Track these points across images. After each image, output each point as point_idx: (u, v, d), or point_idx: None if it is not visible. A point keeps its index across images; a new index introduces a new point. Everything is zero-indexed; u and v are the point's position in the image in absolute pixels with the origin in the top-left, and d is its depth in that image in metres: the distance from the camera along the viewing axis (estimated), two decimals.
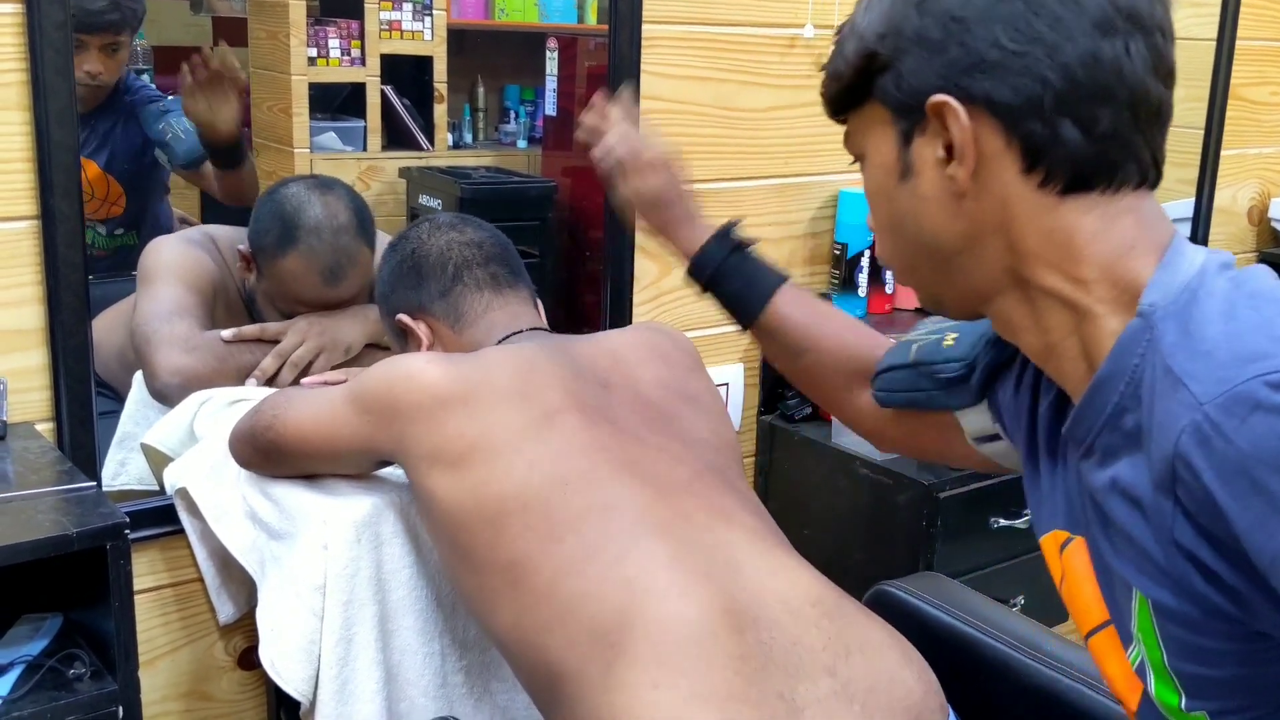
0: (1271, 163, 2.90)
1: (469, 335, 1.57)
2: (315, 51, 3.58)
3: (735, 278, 1.35)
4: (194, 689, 1.76)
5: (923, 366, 1.17)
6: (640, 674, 1.17)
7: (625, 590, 1.23)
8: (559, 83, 3.10)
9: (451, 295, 1.58)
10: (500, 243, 1.64)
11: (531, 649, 1.28)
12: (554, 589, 1.26)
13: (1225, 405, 0.76)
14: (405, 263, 1.61)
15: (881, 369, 1.24)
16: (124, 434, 1.86)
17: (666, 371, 1.52)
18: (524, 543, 1.30)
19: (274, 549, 1.54)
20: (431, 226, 1.63)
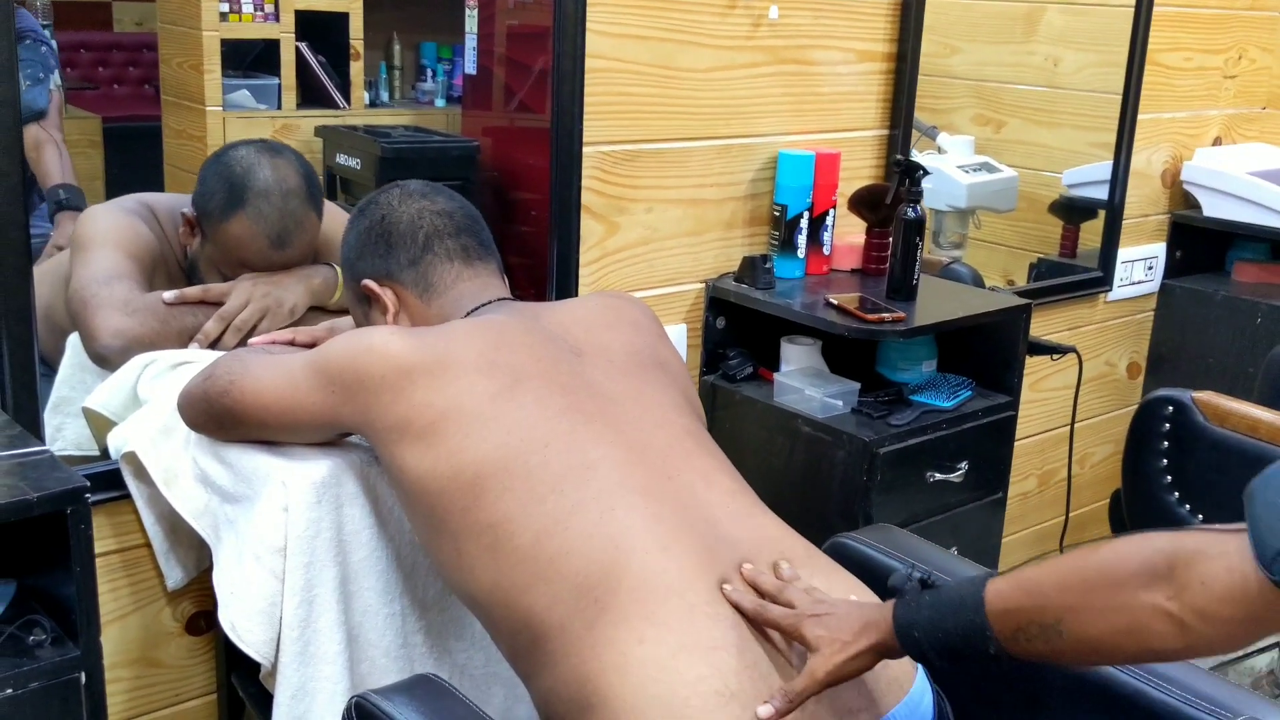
0: (1184, 127, 2.99)
1: (437, 305, 1.56)
2: (227, 7, 3.50)
3: (945, 619, 1.14)
4: (142, 655, 1.73)
5: None
6: (626, 630, 1.19)
7: (609, 547, 1.25)
8: (479, 41, 3.06)
9: (421, 264, 1.56)
10: (470, 214, 1.62)
11: (513, 610, 1.29)
12: (536, 548, 1.28)
13: None
14: (374, 229, 1.58)
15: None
16: (59, 399, 1.81)
17: (637, 337, 1.53)
18: (504, 504, 1.30)
19: (228, 512, 1.53)
20: (402, 193, 1.61)
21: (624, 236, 2.09)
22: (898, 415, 2.07)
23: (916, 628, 1.14)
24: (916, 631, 1.14)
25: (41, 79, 2.34)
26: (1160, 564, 1.02)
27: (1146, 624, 1.02)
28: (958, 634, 1.12)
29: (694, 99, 2.12)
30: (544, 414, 1.35)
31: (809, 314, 2.11)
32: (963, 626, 1.12)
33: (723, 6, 2.11)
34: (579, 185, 1.99)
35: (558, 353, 1.44)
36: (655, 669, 1.16)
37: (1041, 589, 1.09)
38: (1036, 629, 1.08)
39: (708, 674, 1.17)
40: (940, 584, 1.17)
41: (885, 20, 2.36)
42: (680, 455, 1.39)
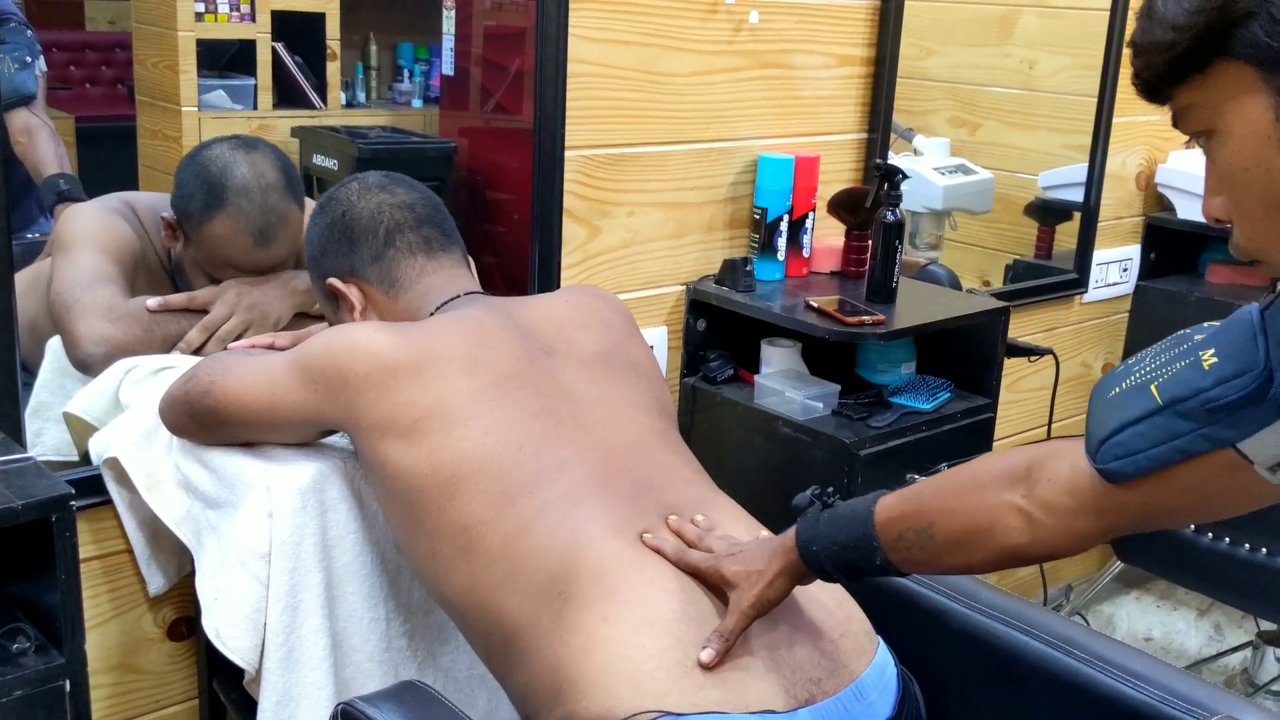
0: (1158, 130, 3.02)
1: (404, 300, 1.56)
2: (202, 7, 3.49)
3: (838, 533, 1.19)
4: (123, 662, 1.72)
5: (1182, 403, 0.95)
6: (589, 613, 1.22)
7: (569, 542, 1.28)
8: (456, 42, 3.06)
9: (384, 260, 1.56)
10: (432, 204, 1.63)
11: (486, 611, 1.30)
12: (505, 549, 1.30)
13: None
14: (335, 226, 1.58)
15: (1108, 434, 1.00)
16: (39, 404, 1.80)
17: (608, 337, 1.54)
18: (477, 506, 1.32)
19: (211, 517, 1.52)
20: (361, 187, 1.60)
21: (605, 239, 2.10)
22: (878, 417, 2.08)
23: (815, 542, 1.20)
24: (815, 546, 1.20)
25: (29, 62, 2.30)
26: (1020, 467, 1.10)
27: (1002, 519, 1.09)
28: (850, 545, 1.18)
29: (675, 103, 2.13)
30: (519, 416, 1.37)
31: (789, 316, 2.12)
32: (854, 538, 1.17)
33: (704, 11, 2.11)
34: (561, 189, 1.99)
35: (532, 351, 1.45)
36: (620, 645, 1.19)
37: (921, 497, 1.16)
38: (913, 534, 1.14)
39: (670, 645, 1.19)
40: (836, 504, 1.23)
41: (864, 25, 2.37)
42: (642, 454, 1.42)
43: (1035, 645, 1.41)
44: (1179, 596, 3.18)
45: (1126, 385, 1.00)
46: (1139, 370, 1.00)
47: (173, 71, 3.40)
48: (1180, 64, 0.81)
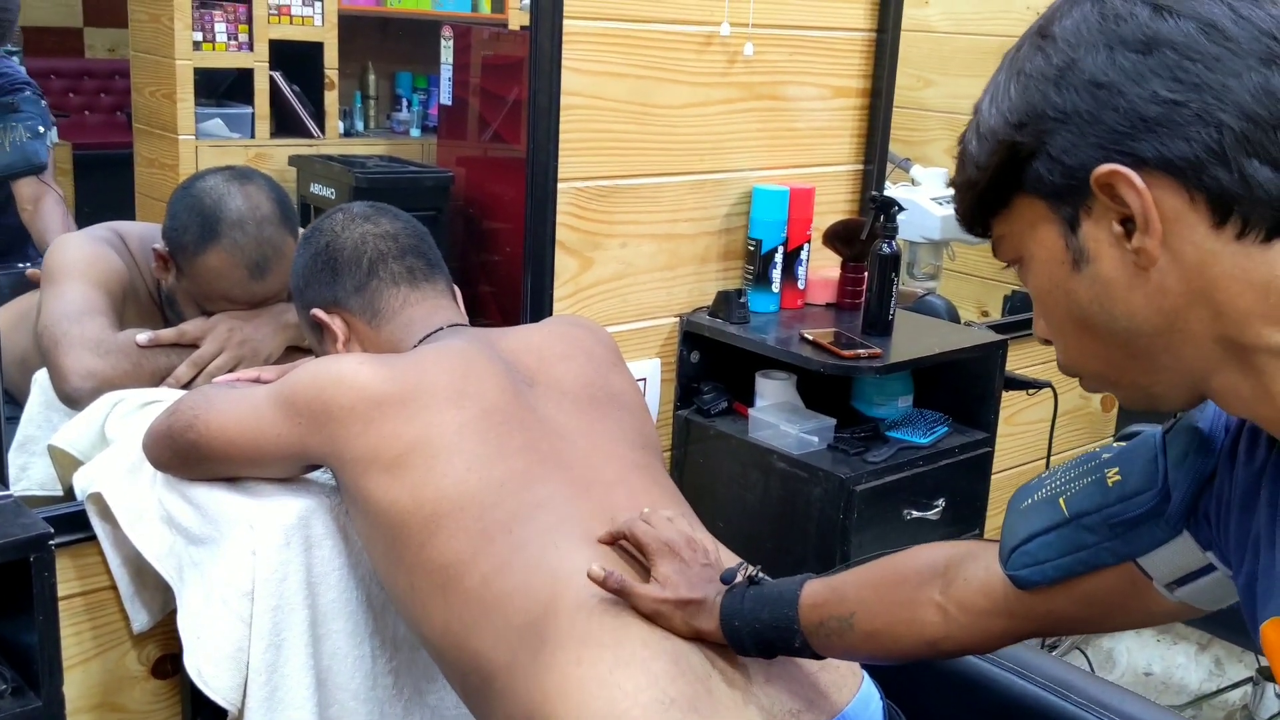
0: None
1: (387, 331, 1.55)
2: (200, 35, 3.48)
3: (761, 611, 1.22)
4: (106, 700, 1.70)
5: (1087, 517, 1.00)
6: (564, 654, 1.20)
7: (548, 582, 1.27)
8: (454, 72, 3.06)
9: (367, 291, 1.55)
10: (416, 233, 1.62)
11: (463, 651, 1.29)
12: (484, 589, 1.28)
13: None
14: (319, 256, 1.57)
15: (1018, 542, 1.04)
16: (25, 438, 1.78)
17: (590, 368, 1.53)
18: (457, 544, 1.30)
19: (194, 554, 1.50)
20: (346, 218, 1.60)
21: (598, 271, 2.08)
22: (874, 452, 2.06)
23: (738, 618, 1.22)
24: (738, 621, 1.22)
25: (41, 132, 2.33)
26: (939, 564, 1.14)
27: (920, 615, 1.13)
28: (770, 625, 1.20)
29: (669, 135, 2.12)
30: (502, 451, 1.36)
31: (784, 349, 2.11)
32: (776, 619, 1.20)
33: (698, 43, 2.11)
34: (554, 221, 1.98)
35: (516, 384, 1.44)
36: (595, 685, 1.17)
37: (845, 586, 1.19)
38: (835, 622, 1.17)
39: (646, 684, 1.18)
40: (764, 583, 1.25)
41: (860, 56, 2.37)
42: (624, 491, 1.40)
43: (1031, 689, 1.39)
44: (1179, 631, 3.14)
45: (1038, 498, 1.04)
46: (1050, 484, 1.04)
47: (170, 100, 3.40)
48: (985, 200, 0.88)
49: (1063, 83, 0.81)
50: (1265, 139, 0.77)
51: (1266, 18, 0.78)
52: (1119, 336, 0.84)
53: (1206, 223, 0.79)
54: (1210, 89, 0.77)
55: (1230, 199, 0.78)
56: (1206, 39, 0.77)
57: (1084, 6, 0.82)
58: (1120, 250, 0.81)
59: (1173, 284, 0.80)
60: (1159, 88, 0.78)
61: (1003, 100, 0.84)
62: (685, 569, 1.26)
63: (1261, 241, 0.78)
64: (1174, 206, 0.79)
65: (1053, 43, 0.82)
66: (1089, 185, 0.80)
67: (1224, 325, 0.80)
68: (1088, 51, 0.80)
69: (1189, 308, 0.81)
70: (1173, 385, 0.86)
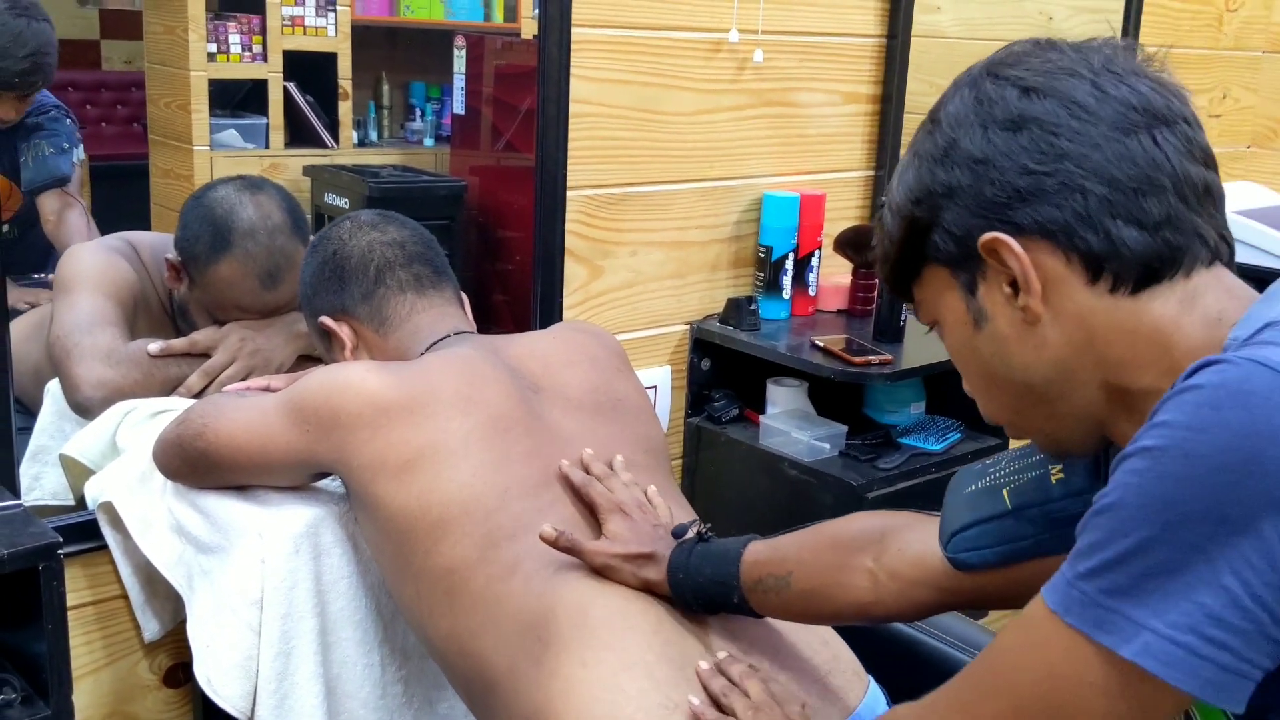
0: None
1: (394, 339, 1.55)
2: (215, 47, 3.50)
3: (704, 565, 1.26)
4: (117, 709, 1.70)
5: (1029, 510, 1.06)
6: (568, 657, 1.20)
7: (549, 587, 1.27)
8: (467, 81, 3.07)
9: (374, 298, 1.56)
10: (423, 240, 1.62)
11: (467, 656, 1.29)
12: (487, 593, 1.29)
13: None
14: (327, 265, 1.58)
15: (959, 528, 1.10)
16: (38, 448, 1.79)
17: (595, 374, 1.53)
18: (461, 549, 1.31)
19: (203, 563, 1.51)
20: (353, 226, 1.60)
21: (608, 280, 2.09)
22: (886, 458, 2.06)
23: (683, 570, 1.26)
24: (682, 574, 1.26)
25: (66, 149, 2.36)
26: (876, 533, 1.19)
27: (852, 580, 1.18)
28: (712, 580, 1.24)
29: (678, 142, 2.12)
30: (508, 457, 1.36)
31: (795, 356, 2.10)
32: (718, 574, 1.24)
33: (707, 50, 2.11)
34: (563, 229, 1.98)
35: (522, 390, 1.45)
36: (599, 689, 1.17)
37: (785, 547, 1.24)
38: (773, 580, 1.22)
39: (649, 688, 1.18)
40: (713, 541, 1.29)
41: (870, 62, 2.36)
42: None
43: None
44: None
45: (981, 485, 1.09)
46: (994, 473, 1.09)
47: (185, 111, 3.42)
48: (900, 270, 0.96)
49: (947, 161, 0.90)
50: (1127, 202, 0.85)
51: (1127, 91, 0.86)
52: (1020, 387, 0.92)
53: (1082, 280, 0.87)
54: (1073, 159, 0.85)
55: (1100, 258, 0.86)
56: (1069, 114, 0.86)
57: (964, 91, 0.91)
58: (1011, 308, 0.89)
59: (1057, 337, 0.88)
60: (1028, 161, 0.86)
61: (904, 180, 0.93)
62: (635, 526, 1.31)
63: (1130, 294, 0.86)
64: (1052, 267, 0.87)
65: (939, 126, 0.91)
66: (978, 252, 0.88)
67: (1105, 371, 0.88)
68: (966, 132, 0.89)
69: (1075, 357, 0.89)
70: (1074, 430, 0.93)
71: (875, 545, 1.18)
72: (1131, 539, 0.76)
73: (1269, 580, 0.73)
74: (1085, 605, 0.78)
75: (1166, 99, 0.87)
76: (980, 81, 0.90)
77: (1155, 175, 0.85)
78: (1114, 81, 0.87)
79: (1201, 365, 0.77)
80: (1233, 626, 0.74)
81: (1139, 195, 0.85)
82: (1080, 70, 0.87)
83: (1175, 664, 0.75)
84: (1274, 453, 0.73)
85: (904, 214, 0.93)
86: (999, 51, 0.92)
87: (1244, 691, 0.76)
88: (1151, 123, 0.86)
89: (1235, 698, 0.76)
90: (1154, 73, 0.89)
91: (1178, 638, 0.75)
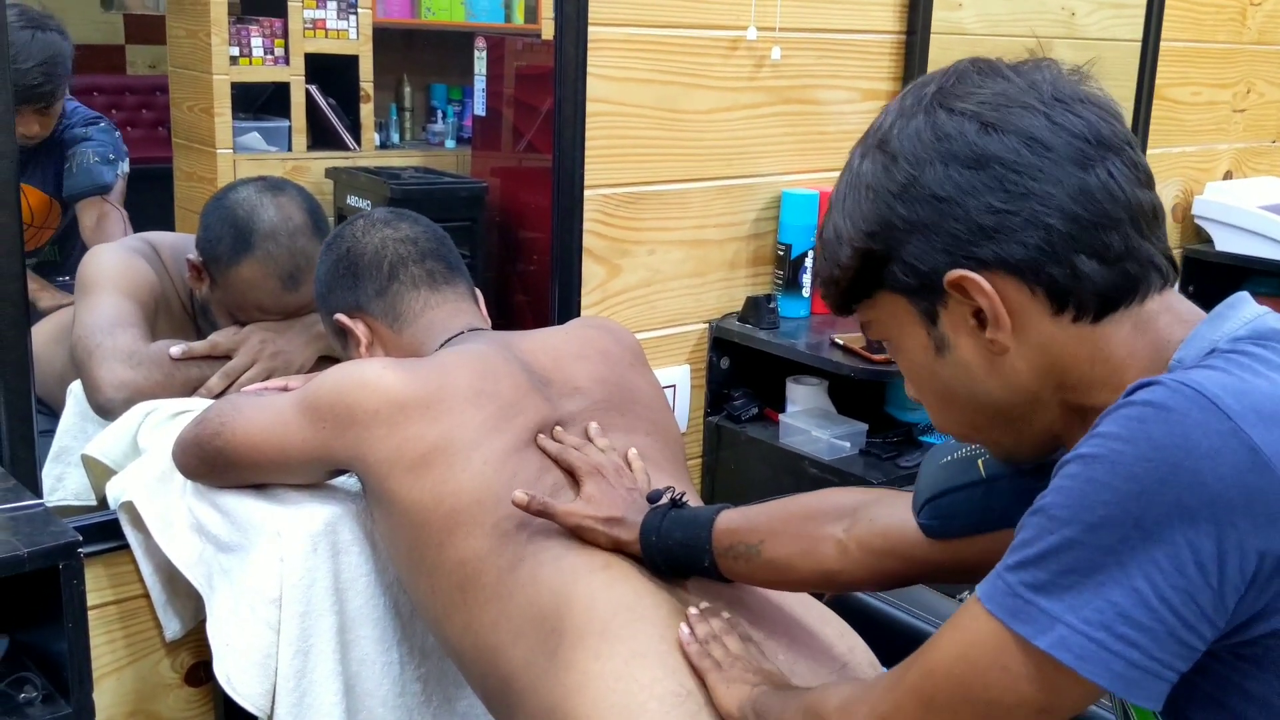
0: (1194, 161, 2.98)
1: (408, 335, 1.56)
2: (237, 50, 3.52)
3: (675, 530, 1.29)
4: (140, 708, 1.71)
5: (1002, 482, 1.09)
6: (582, 650, 1.21)
7: (561, 579, 1.28)
8: (488, 82, 3.07)
9: (388, 294, 1.56)
10: (436, 237, 1.62)
11: (482, 651, 1.30)
12: (500, 585, 1.30)
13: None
14: (341, 262, 1.59)
15: (932, 495, 1.13)
16: (60, 448, 1.80)
17: (605, 368, 1.53)
18: (474, 541, 1.32)
19: (223, 561, 1.51)
20: (366, 223, 1.61)
21: (626, 279, 2.08)
22: (907, 457, 2.05)
23: (655, 533, 1.29)
24: (654, 536, 1.29)
25: (112, 160, 2.38)
26: (848, 506, 1.22)
27: (820, 548, 1.21)
28: (682, 544, 1.27)
29: (696, 140, 2.12)
30: (516, 445, 1.38)
31: (815, 354, 2.09)
32: (689, 538, 1.27)
33: (725, 48, 2.11)
34: (580, 228, 1.99)
35: (532, 382, 1.45)
36: (612, 680, 1.18)
37: (758, 517, 1.26)
38: (744, 548, 1.24)
39: (662, 676, 1.18)
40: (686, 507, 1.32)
41: (889, 59, 2.36)
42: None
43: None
44: None
45: (957, 456, 1.12)
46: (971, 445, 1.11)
47: (208, 115, 3.43)
48: (849, 294, 0.98)
49: (907, 197, 0.91)
50: (1088, 236, 0.88)
51: (1078, 122, 0.89)
52: (982, 408, 0.95)
53: (1047, 311, 0.90)
54: (1036, 196, 0.88)
55: (1065, 291, 0.89)
56: (1029, 151, 0.88)
57: (917, 121, 0.91)
58: (976, 339, 0.92)
59: (1024, 365, 0.92)
60: (992, 199, 0.88)
61: (854, 210, 0.94)
62: (610, 490, 1.33)
63: (1092, 322, 0.90)
64: (1019, 299, 0.90)
65: (893, 159, 0.92)
66: (942, 286, 0.90)
67: (1067, 393, 0.92)
68: (926, 168, 0.90)
69: (1039, 382, 0.92)
70: (1030, 444, 0.97)
71: (847, 517, 1.21)
72: (1055, 537, 0.81)
73: (1176, 584, 0.77)
74: (1009, 596, 0.83)
75: (1111, 124, 0.90)
76: (934, 112, 0.91)
77: (1113, 209, 0.88)
78: (1065, 112, 0.89)
79: (1139, 385, 0.82)
80: (1142, 625, 0.78)
81: (1100, 230, 0.88)
82: (1033, 102, 0.89)
83: (1087, 657, 0.79)
84: (1189, 465, 0.77)
85: (858, 245, 0.94)
86: (944, 75, 0.93)
87: (1156, 689, 0.80)
88: (1103, 154, 0.89)
89: (1148, 695, 0.80)
90: (1096, 95, 0.92)
91: (1090, 633, 0.79)
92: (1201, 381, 0.80)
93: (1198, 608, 0.78)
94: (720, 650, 1.21)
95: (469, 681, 1.38)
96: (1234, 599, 0.79)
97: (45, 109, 2.29)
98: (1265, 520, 0.77)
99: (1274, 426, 0.78)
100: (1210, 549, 0.77)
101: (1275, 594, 0.79)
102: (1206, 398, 0.79)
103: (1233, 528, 0.77)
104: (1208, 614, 0.79)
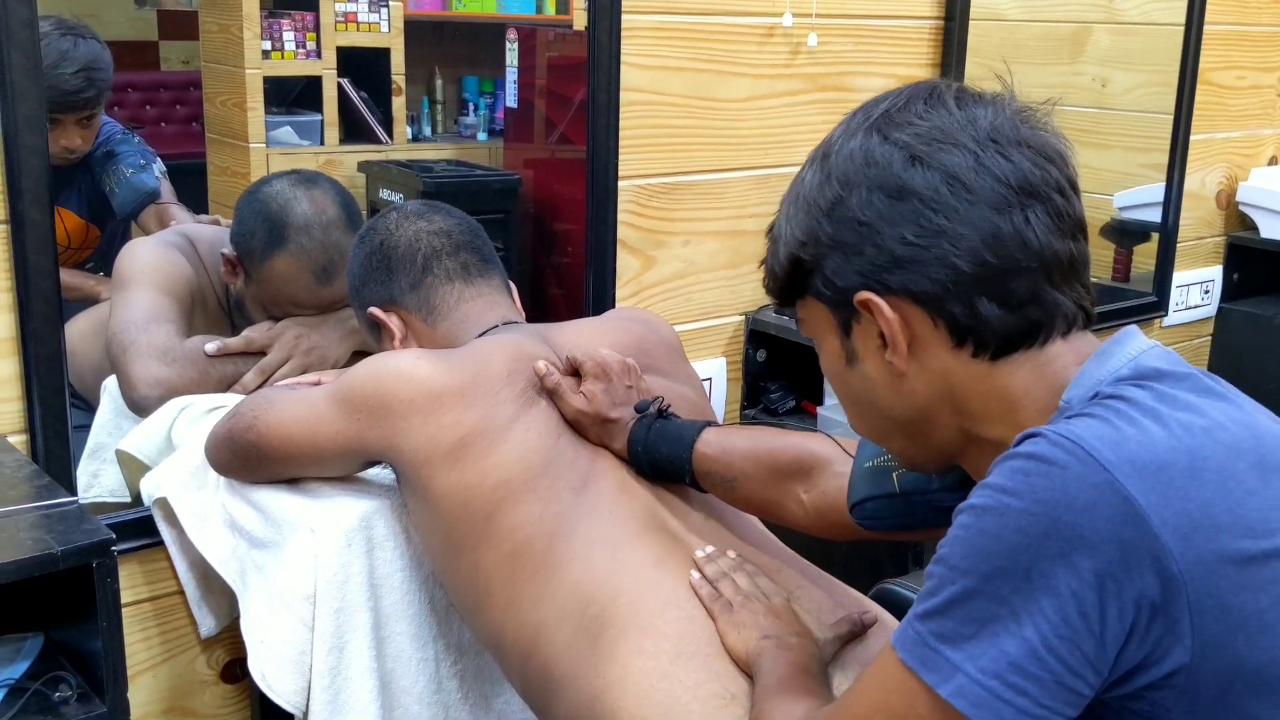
0: (1238, 147, 2.92)
1: (443, 328, 1.54)
2: (269, 44, 3.52)
3: (661, 443, 1.37)
4: (176, 705, 1.71)
5: (914, 496, 1.14)
6: (626, 643, 1.21)
7: (611, 568, 1.28)
8: (520, 74, 3.06)
9: (422, 287, 1.55)
10: (470, 229, 1.61)
11: (525, 630, 1.29)
12: (549, 554, 1.30)
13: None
14: (374, 255, 1.58)
15: (859, 499, 1.19)
16: (96, 445, 1.80)
17: (640, 357, 1.52)
18: (526, 505, 1.32)
19: (256, 557, 1.50)
20: (400, 216, 1.60)
21: (660, 270, 2.06)
22: None
23: (641, 444, 1.37)
24: (640, 447, 1.37)
25: (145, 164, 2.38)
26: (808, 462, 1.30)
27: (786, 505, 1.31)
28: (666, 458, 1.36)
29: (731, 129, 2.09)
30: (549, 427, 1.39)
31: None
32: (671, 455, 1.36)
33: (760, 35, 2.08)
34: (615, 220, 1.96)
35: (564, 365, 1.44)
36: (656, 678, 1.17)
37: (734, 451, 1.34)
38: (719, 479, 1.34)
39: (706, 679, 1.18)
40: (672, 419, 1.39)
41: (927, 44, 2.32)
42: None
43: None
44: None
45: (875, 464, 1.17)
46: (887, 454, 1.15)
47: (241, 109, 3.44)
48: (784, 292, 1.03)
49: (834, 215, 0.95)
50: (993, 280, 0.91)
51: (1005, 166, 0.91)
52: (886, 419, 1.00)
53: (948, 344, 0.94)
54: (949, 237, 0.91)
55: (965, 329, 0.93)
56: (949, 190, 0.91)
57: (855, 141, 0.95)
58: (880, 358, 0.97)
59: (921, 389, 0.96)
60: (906, 231, 0.92)
61: (794, 217, 0.99)
62: (611, 389, 1.40)
63: (990, 360, 0.94)
64: (921, 329, 0.94)
65: (828, 177, 0.96)
66: (854, 304, 0.95)
67: (962, 420, 0.97)
68: (853, 191, 0.94)
69: (935, 405, 0.97)
70: (930, 457, 1.02)
71: (805, 478, 1.29)
72: (956, 587, 0.84)
73: (1062, 634, 0.81)
74: (919, 645, 0.86)
75: (1044, 170, 0.92)
76: (870, 136, 0.94)
77: (1023, 256, 0.91)
78: (995, 154, 0.91)
79: (1025, 436, 0.86)
80: (1031, 674, 0.82)
81: (1006, 276, 0.91)
82: (965, 140, 0.91)
83: (982, 705, 0.83)
84: (1068, 519, 0.81)
85: (791, 252, 0.98)
86: (896, 95, 0.96)
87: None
88: (1025, 201, 0.91)
89: None
90: (1035, 139, 0.93)
91: (985, 682, 0.82)
92: (1081, 434, 0.83)
93: (1082, 655, 0.81)
94: (730, 587, 1.26)
95: (506, 673, 1.36)
96: (1114, 648, 0.82)
97: (88, 120, 2.27)
98: (1139, 569, 0.80)
99: (1148, 476, 0.82)
100: (1092, 598, 0.80)
101: (1154, 643, 0.82)
102: (1085, 449, 0.82)
103: (1111, 578, 0.80)
104: (1091, 660, 0.82)
